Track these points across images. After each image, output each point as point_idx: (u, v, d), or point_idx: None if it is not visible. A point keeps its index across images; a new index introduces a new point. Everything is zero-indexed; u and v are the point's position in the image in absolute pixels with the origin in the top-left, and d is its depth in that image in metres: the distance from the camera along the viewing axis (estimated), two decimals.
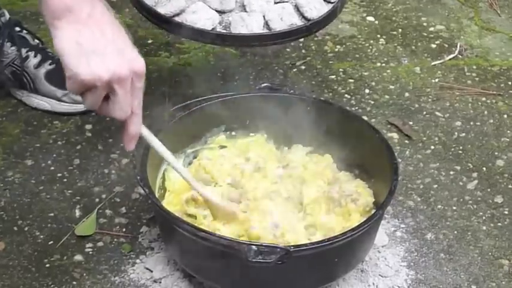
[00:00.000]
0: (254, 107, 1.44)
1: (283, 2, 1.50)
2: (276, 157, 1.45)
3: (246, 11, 1.47)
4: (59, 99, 1.67)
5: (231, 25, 1.46)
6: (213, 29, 1.44)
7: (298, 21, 1.47)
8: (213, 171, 1.37)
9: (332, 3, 1.50)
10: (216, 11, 1.46)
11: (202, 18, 1.44)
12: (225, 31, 1.45)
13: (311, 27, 1.48)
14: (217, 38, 1.45)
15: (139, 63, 1.06)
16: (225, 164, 1.39)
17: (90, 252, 1.39)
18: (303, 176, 1.37)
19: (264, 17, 1.46)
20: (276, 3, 1.49)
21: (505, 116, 1.71)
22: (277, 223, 1.26)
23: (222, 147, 1.46)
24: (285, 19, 1.46)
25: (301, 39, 1.88)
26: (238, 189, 1.34)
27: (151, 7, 1.45)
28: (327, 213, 1.31)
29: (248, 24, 1.44)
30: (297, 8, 1.48)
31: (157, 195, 1.30)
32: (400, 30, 1.99)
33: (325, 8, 1.49)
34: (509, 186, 1.54)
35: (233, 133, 1.48)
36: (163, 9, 1.44)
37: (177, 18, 1.44)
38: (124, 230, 1.43)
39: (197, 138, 1.45)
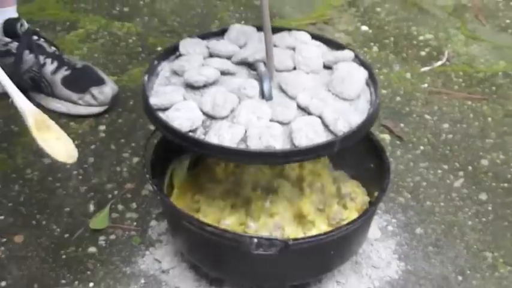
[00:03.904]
0: None
1: (281, 123, 1.20)
2: None
3: (233, 122, 1.20)
4: (74, 103, 1.68)
5: (208, 132, 1.20)
6: (189, 131, 1.20)
7: (279, 145, 1.17)
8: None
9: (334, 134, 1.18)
10: (207, 115, 1.21)
11: (182, 118, 1.20)
12: (196, 137, 1.19)
13: (289, 155, 1.17)
14: (183, 141, 1.20)
15: None
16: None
17: (103, 245, 1.39)
18: (302, 175, 1.37)
19: (245, 131, 1.18)
20: (271, 121, 1.20)
21: (489, 119, 1.72)
22: (279, 224, 1.26)
23: None
24: (263, 139, 1.16)
25: None
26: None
27: (147, 95, 1.26)
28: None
29: (221, 135, 1.17)
30: (290, 133, 1.19)
31: (165, 192, 1.30)
32: (392, 38, 1.99)
33: (323, 138, 1.17)
34: (493, 184, 1.54)
35: None
36: (154, 100, 1.24)
37: (160, 113, 1.23)
38: (135, 223, 1.44)
39: None
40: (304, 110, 1.21)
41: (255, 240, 1.15)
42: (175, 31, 1.99)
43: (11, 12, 1.68)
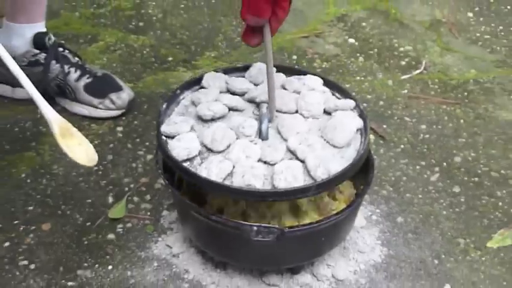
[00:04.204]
0: None
1: (268, 163, 1.16)
2: None
3: (225, 158, 1.18)
4: (95, 107, 1.68)
5: (202, 163, 1.18)
6: (186, 159, 1.18)
7: (259, 185, 1.13)
8: None
9: (312, 178, 1.15)
10: (206, 147, 1.20)
11: (180, 147, 1.19)
12: (187, 167, 1.17)
13: (265, 195, 1.13)
14: (177, 169, 1.19)
15: None
16: None
17: (121, 232, 1.39)
18: None
19: (233, 168, 1.16)
20: (258, 160, 1.17)
21: (462, 121, 1.71)
22: (276, 214, 1.26)
23: None
24: (246, 178, 1.13)
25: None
26: None
27: (160, 122, 1.25)
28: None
29: (210, 169, 1.15)
30: (271, 175, 1.15)
31: (175, 185, 1.30)
32: (375, 50, 1.99)
33: (301, 182, 1.14)
34: (465, 179, 1.54)
35: None
36: (164, 128, 1.23)
37: (169, 140, 1.22)
38: (148, 213, 1.44)
39: None
40: (292, 153, 1.18)
41: (255, 228, 1.15)
42: (184, 43, 1.99)
43: (40, 27, 1.68)
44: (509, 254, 1.37)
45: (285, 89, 1.31)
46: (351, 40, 2.03)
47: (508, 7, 2.17)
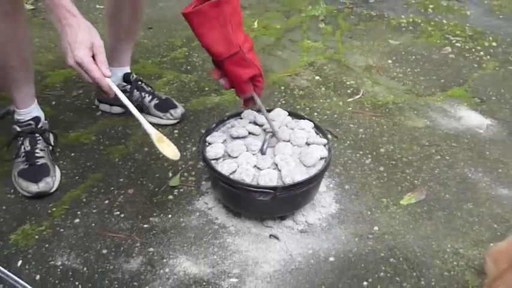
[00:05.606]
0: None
1: (259, 169, 1.18)
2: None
3: (235, 161, 1.20)
4: (160, 118, 1.66)
5: (221, 162, 1.20)
6: (213, 158, 1.21)
7: (248, 180, 1.15)
8: None
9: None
10: (227, 153, 1.21)
11: (211, 151, 1.21)
12: (211, 163, 1.19)
13: (249, 187, 1.14)
14: (205, 162, 1.21)
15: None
16: None
17: (177, 194, 1.38)
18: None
19: (237, 167, 1.18)
20: (254, 166, 1.19)
21: (385, 126, 1.70)
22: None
23: None
24: (242, 175, 1.16)
25: None
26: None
27: (206, 134, 1.27)
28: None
29: (222, 166, 1.18)
30: (258, 176, 1.16)
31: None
32: (332, 83, 1.97)
33: (274, 183, 1.15)
34: (387, 162, 1.52)
35: None
36: (208, 138, 1.26)
37: (208, 146, 1.24)
38: (194, 183, 1.42)
39: None
40: (276, 165, 1.20)
41: (258, 192, 1.14)
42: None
43: (127, 69, 1.68)
44: (414, 208, 1.35)
45: (286, 126, 1.32)
46: (317, 77, 2.01)
47: (413, 57, 2.15)
